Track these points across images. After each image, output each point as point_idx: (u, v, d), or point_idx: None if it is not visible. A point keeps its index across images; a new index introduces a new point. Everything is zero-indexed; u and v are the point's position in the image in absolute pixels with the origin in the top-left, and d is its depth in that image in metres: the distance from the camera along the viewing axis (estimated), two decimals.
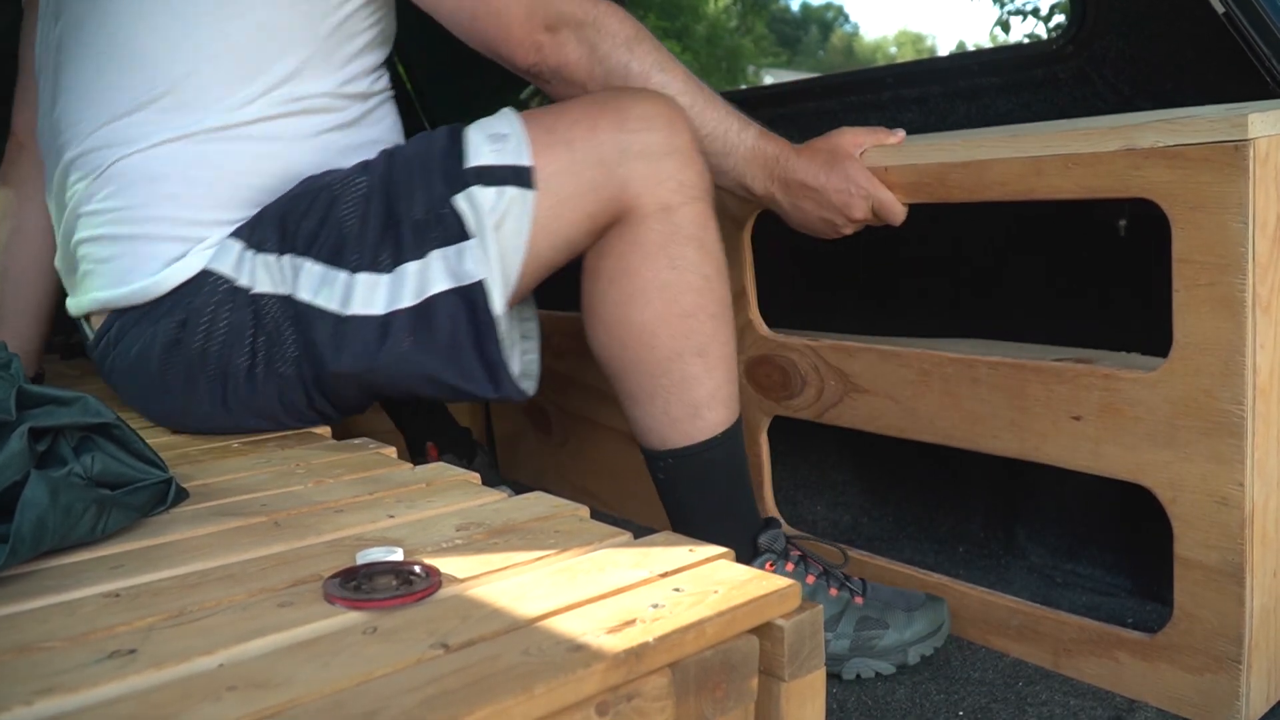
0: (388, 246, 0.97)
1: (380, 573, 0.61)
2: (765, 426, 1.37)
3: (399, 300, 0.96)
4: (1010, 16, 9.27)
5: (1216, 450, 0.90)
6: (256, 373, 1.02)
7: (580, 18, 1.04)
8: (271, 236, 1.01)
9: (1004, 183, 1.01)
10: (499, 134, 1.00)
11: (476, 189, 0.96)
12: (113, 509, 0.72)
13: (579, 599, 0.57)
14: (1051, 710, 0.98)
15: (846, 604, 1.09)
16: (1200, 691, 0.94)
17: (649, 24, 1.22)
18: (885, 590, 1.13)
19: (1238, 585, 0.90)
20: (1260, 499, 0.90)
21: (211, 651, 0.52)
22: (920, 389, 1.13)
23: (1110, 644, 1.01)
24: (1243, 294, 0.86)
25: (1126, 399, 0.96)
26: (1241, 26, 1.03)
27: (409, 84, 2.43)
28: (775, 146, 1.09)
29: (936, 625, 1.10)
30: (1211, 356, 0.89)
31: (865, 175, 1.09)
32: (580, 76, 1.05)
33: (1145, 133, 0.90)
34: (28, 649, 0.53)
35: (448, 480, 0.87)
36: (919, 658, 1.09)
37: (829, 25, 32.31)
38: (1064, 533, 1.36)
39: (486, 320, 0.96)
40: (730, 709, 0.55)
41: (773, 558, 1.06)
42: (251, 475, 0.91)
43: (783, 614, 0.58)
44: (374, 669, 0.49)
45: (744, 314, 1.32)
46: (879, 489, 1.58)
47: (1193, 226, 0.88)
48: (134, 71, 1.04)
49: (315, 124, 1.07)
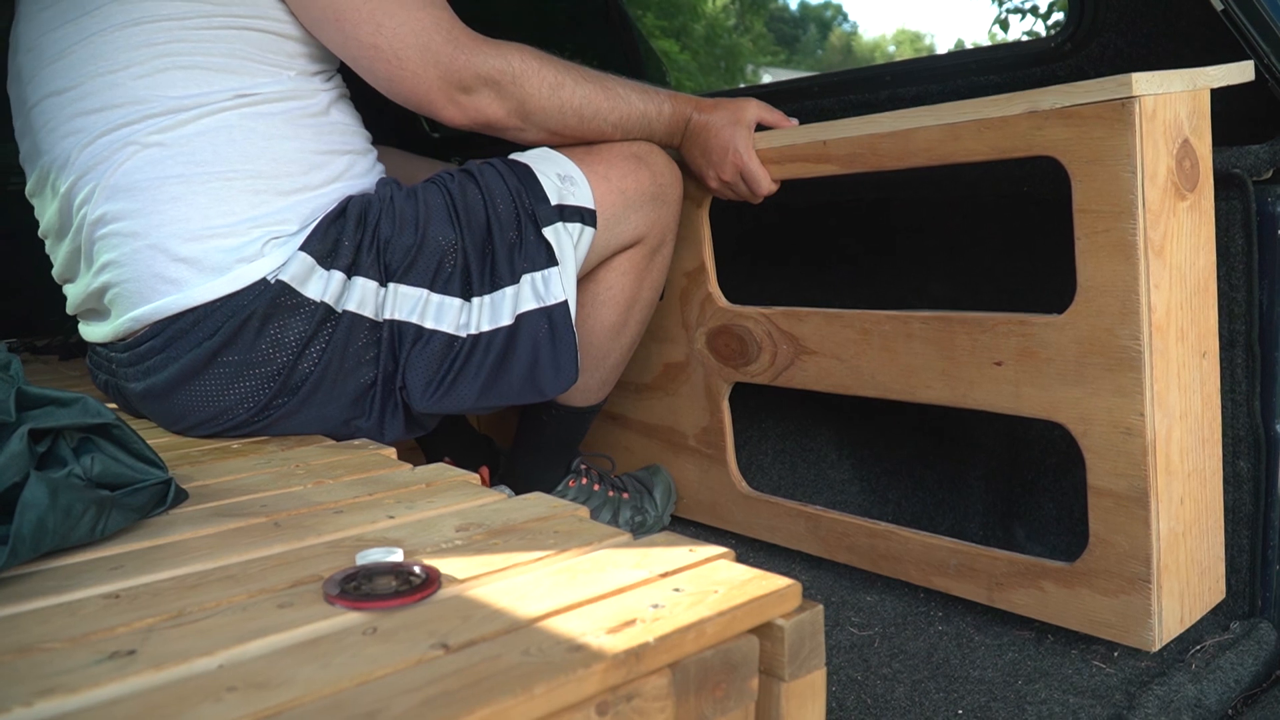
0: (487, 271, 1.11)
1: (380, 573, 0.61)
2: (726, 394, 1.44)
3: (499, 319, 1.11)
4: (1008, 15, 9.26)
5: (1119, 384, 0.97)
6: (325, 384, 1.06)
7: (496, 77, 1.12)
8: (348, 254, 1.05)
9: (927, 149, 1.09)
10: (566, 175, 1.17)
11: (560, 225, 1.15)
12: (112, 510, 0.72)
13: (579, 599, 0.57)
14: (1051, 709, 0.98)
15: (619, 501, 1.47)
16: (1116, 613, 1.01)
17: (647, 24, 1.24)
18: (630, 480, 1.50)
19: (1144, 509, 0.97)
20: (1162, 429, 0.97)
21: (211, 652, 0.52)
22: (862, 347, 1.22)
23: (1036, 575, 1.08)
24: (1134, 238, 0.94)
25: (1040, 342, 1.03)
26: (1240, 24, 1.03)
27: None
28: (686, 107, 1.28)
29: (667, 490, 1.51)
30: (1110, 298, 0.96)
31: (746, 145, 1.25)
32: (511, 126, 1.18)
33: (1046, 95, 0.98)
34: (28, 650, 0.53)
35: (447, 481, 0.87)
36: (669, 520, 1.52)
37: (827, 24, 32.31)
38: (1063, 531, 1.36)
39: (566, 332, 1.13)
40: (730, 709, 0.55)
41: (574, 475, 1.44)
42: (251, 476, 0.91)
43: (783, 614, 0.58)
44: (374, 669, 0.49)
45: (704, 288, 1.42)
46: (878, 488, 1.59)
47: (1089, 179, 0.96)
48: (99, 93, 1.04)
49: (284, 108, 1.07)
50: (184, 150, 1.02)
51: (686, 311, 1.45)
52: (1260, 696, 1.03)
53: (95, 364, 1.22)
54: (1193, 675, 1.00)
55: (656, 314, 1.48)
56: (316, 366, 1.05)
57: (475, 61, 1.10)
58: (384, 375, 1.09)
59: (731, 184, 1.28)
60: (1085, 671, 1.04)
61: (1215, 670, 1.01)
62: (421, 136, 2.46)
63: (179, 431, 1.12)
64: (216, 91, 1.03)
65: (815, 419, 1.68)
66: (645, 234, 1.26)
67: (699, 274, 1.42)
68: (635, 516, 1.47)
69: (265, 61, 1.06)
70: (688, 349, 1.46)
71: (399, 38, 1.07)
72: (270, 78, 1.06)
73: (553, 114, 1.17)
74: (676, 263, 1.44)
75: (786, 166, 1.25)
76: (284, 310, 1.03)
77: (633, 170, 1.22)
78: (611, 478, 1.50)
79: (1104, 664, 1.05)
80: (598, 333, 1.29)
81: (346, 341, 1.06)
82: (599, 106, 1.20)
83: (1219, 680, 1.00)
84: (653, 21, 10.69)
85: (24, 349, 2.06)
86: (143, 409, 1.13)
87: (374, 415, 1.10)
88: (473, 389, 1.11)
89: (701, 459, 1.50)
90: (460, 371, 1.10)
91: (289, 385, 1.05)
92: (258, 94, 1.05)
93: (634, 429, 1.61)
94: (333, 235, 1.05)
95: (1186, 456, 1.01)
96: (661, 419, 1.55)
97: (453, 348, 1.10)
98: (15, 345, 2.09)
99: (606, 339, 1.30)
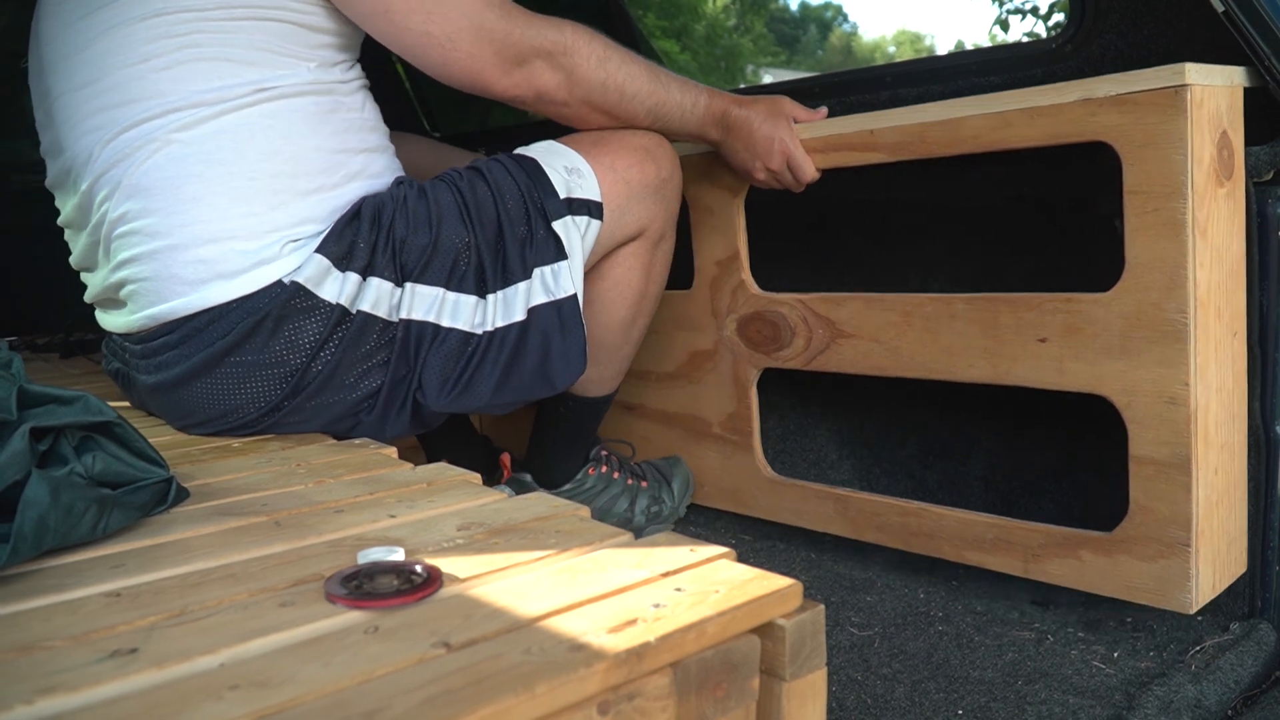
0: (499, 267, 1.12)
1: (381, 572, 0.61)
2: (755, 380, 1.46)
3: (513, 314, 1.12)
4: (1009, 15, 9.26)
5: (1164, 355, 1.01)
6: (334, 383, 1.06)
7: (550, 48, 1.14)
8: (364, 255, 1.05)
9: (976, 136, 1.12)
10: (573, 167, 1.18)
11: (569, 218, 1.16)
12: (114, 508, 0.72)
13: (580, 598, 0.57)
14: (1051, 708, 0.98)
15: (637, 489, 1.49)
16: (1155, 578, 1.04)
17: (648, 24, 1.24)
18: (649, 469, 1.52)
19: (1185, 475, 1.00)
20: (1203, 400, 1.01)
21: (213, 651, 0.52)
22: (902, 329, 1.24)
23: (1074, 544, 1.10)
24: (1184, 217, 0.97)
25: (1086, 318, 1.06)
26: (1241, 25, 1.03)
27: (409, 88, 2.43)
28: (723, 102, 1.29)
29: (686, 483, 1.53)
30: (1158, 273, 1.00)
31: (791, 135, 1.28)
32: (560, 98, 1.19)
33: (1100, 84, 1.02)
34: (29, 648, 0.53)
35: (448, 480, 0.87)
36: (685, 511, 1.54)
37: (827, 24, 32.31)
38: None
39: (575, 324, 1.14)
40: (731, 709, 0.55)
41: (594, 464, 1.47)
42: (253, 475, 0.91)
43: (784, 613, 0.58)
44: (375, 668, 0.49)
45: (737, 275, 1.44)
46: (878, 488, 1.59)
47: (1141, 162, 1.00)
48: (120, 87, 1.03)
49: (304, 104, 1.07)
50: (204, 148, 1.02)
51: (717, 299, 1.47)
52: (1260, 697, 1.03)
53: (110, 351, 1.23)
54: (1192, 676, 1.00)
55: (683, 302, 1.51)
56: (327, 366, 1.05)
57: (530, 34, 1.12)
58: (394, 376, 1.09)
59: (778, 173, 1.30)
60: (1085, 672, 1.04)
61: (1215, 671, 1.01)
62: (421, 135, 2.46)
63: (187, 428, 1.12)
64: (237, 85, 1.03)
65: (815, 418, 1.68)
66: (647, 226, 1.27)
67: (732, 262, 1.44)
68: (652, 506, 1.49)
69: (286, 53, 1.05)
70: (716, 336, 1.48)
71: (450, 21, 1.08)
72: (290, 69, 1.06)
73: (596, 88, 1.18)
74: (708, 251, 1.46)
75: (830, 155, 1.27)
76: (299, 312, 1.03)
77: (638, 162, 1.23)
78: (631, 465, 1.52)
79: (1104, 664, 1.05)
80: (610, 328, 1.32)
81: (358, 342, 1.06)
82: (639, 88, 1.21)
83: (1219, 681, 1.00)
84: (653, 21, 10.69)
85: (25, 347, 2.06)
86: (151, 402, 1.14)
87: (378, 412, 1.10)
88: (488, 385, 1.11)
89: (725, 445, 1.51)
90: (477, 368, 1.11)
91: (300, 385, 1.06)
92: (278, 87, 1.05)
93: (653, 418, 1.62)
94: (348, 237, 1.06)
95: (1220, 429, 1.04)
96: (683, 407, 1.56)
97: (468, 345, 1.10)
98: (16, 343, 2.09)
99: (618, 333, 1.33)
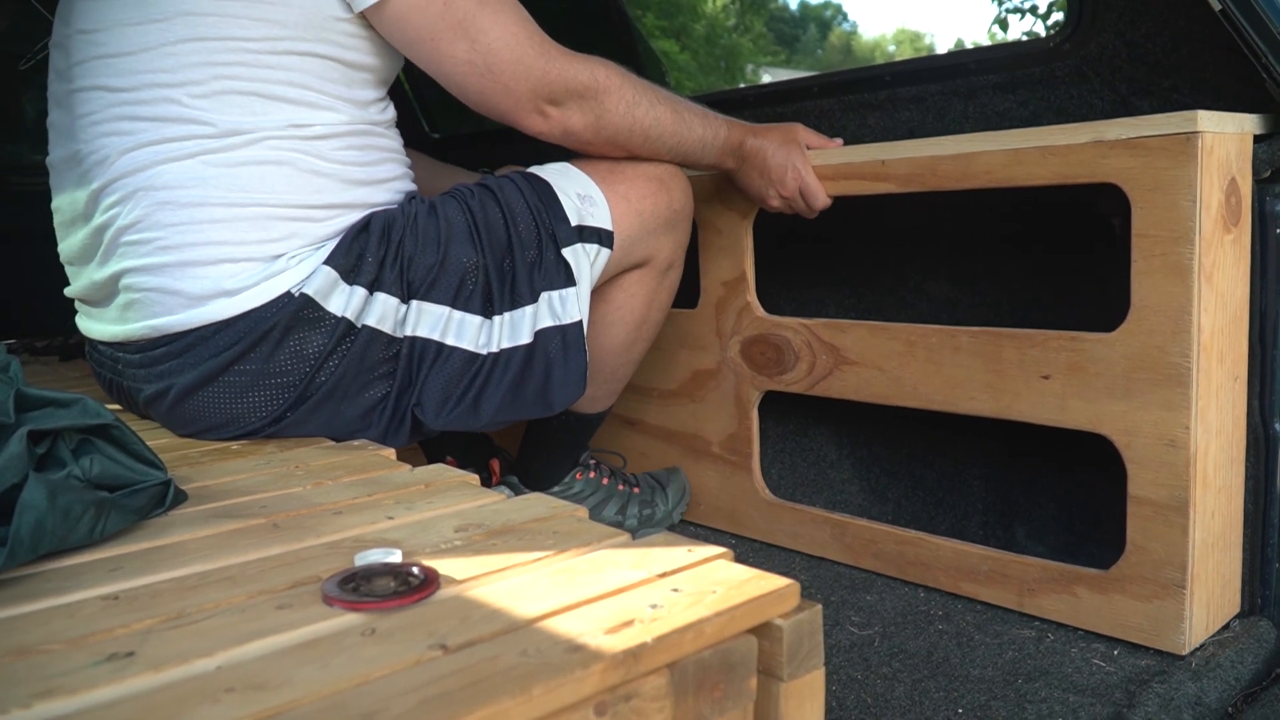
0: (506, 289, 1.12)
1: (379, 574, 0.61)
2: (756, 402, 1.46)
3: (519, 337, 1.12)
4: (1008, 14, 9.25)
5: (1167, 398, 1.02)
6: (337, 395, 1.06)
7: (582, 91, 1.15)
8: (371, 270, 1.05)
9: (989, 172, 1.13)
10: (586, 195, 1.19)
11: (580, 245, 1.17)
12: (111, 511, 0.72)
13: (577, 600, 0.57)
14: (1051, 707, 0.98)
15: (629, 495, 1.51)
16: (1149, 618, 1.06)
17: (647, 24, 1.24)
18: (644, 478, 1.55)
19: (1183, 518, 1.02)
20: (1202, 443, 1.02)
21: (210, 654, 0.52)
22: (906, 359, 1.25)
23: (1069, 580, 1.12)
24: (1190, 262, 0.99)
25: (1090, 357, 1.08)
26: (1239, 24, 1.03)
27: (408, 89, 2.43)
28: (740, 133, 1.30)
29: (681, 490, 1.56)
30: (1163, 316, 1.01)
31: (804, 162, 1.29)
32: (586, 139, 1.19)
33: (1112, 127, 1.03)
34: (26, 651, 0.53)
35: (446, 482, 0.87)
36: (679, 518, 1.56)
37: (827, 24, 32.28)
38: (1063, 530, 1.36)
39: (578, 349, 1.15)
40: (729, 709, 0.55)
41: (582, 469, 1.49)
42: (250, 477, 0.91)
43: (781, 614, 0.57)
44: (373, 670, 0.49)
45: (743, 297, 1.44)
46: (877, 489, 1.59)
47: (1150, 205, 1.01)
48: (154, 104, 1.03)
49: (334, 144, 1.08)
50: (230, 175, 1.02)
51: (722, 319, 1.47)
52: (1260, 694, 1.03)
53: (98, 362, 1.22)
54: (1193, 673, 1.00)
55: (688, 321, 1.51)
56: (331, 378, 1.05)
57: (567, 74, 1.12)
58: (397, 391, 1.09)
59: (791, 199, 1.31)
60: (1085, 670, 1.04)
61: (1215, 668, 1.01)
62: (421, 136, 2.46)
63: (187, 435, 1.11)
64: (271, 123, 1.03)
65: (815, 420, 1.68)
66: (656, 255, 1.28)
67: (738, 284, 1.44)
68: (644, 510, 1.50)
69: (324, 91, 1.06)
70: (720, 356, 1.48)
71: (494, 52, 1.09)
72: (327, 109, 1.06)
73: (622, 130, 1.19)
74: (715, 271, 1.47)
75: (842, 184, 1.27)
76: (305, 324, 1.03)
77: (652, 193, 1.24)
78: (623, 474, 1.54)
79: (1104, 662, 1.05)
80: (608, 351, 1.32)
81: (362, 356, 1.06)
82: (664, 130, 1.22)
83: (1219, 678, 1.00)
84: (653, 21, 10.69)
85: (23, 350, 2.06)
86: (151, 412, 1.13)
87: (381, 427, 1.11)
88: (492, 405, 1.12)
89: (724, 465, 1.51)
90: (482, 388, 1.11)
91: (303, 397, 1.06)
92: (312, 126, 1.05)
93: (653, 434, 1.62)
94: (356, 250, 1.06)
95: (1219, 472, 1.05)
96: (684, 425, 1.56)
97: (473, 365, 1.10)
98: (15, 346, 2.09)
99: (616, 356, 1.34)
